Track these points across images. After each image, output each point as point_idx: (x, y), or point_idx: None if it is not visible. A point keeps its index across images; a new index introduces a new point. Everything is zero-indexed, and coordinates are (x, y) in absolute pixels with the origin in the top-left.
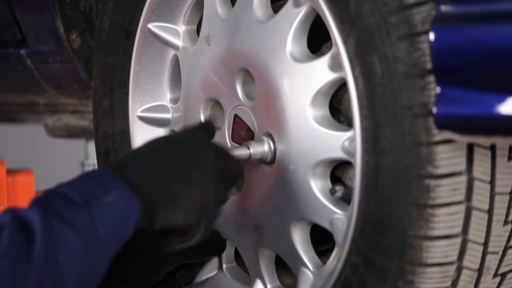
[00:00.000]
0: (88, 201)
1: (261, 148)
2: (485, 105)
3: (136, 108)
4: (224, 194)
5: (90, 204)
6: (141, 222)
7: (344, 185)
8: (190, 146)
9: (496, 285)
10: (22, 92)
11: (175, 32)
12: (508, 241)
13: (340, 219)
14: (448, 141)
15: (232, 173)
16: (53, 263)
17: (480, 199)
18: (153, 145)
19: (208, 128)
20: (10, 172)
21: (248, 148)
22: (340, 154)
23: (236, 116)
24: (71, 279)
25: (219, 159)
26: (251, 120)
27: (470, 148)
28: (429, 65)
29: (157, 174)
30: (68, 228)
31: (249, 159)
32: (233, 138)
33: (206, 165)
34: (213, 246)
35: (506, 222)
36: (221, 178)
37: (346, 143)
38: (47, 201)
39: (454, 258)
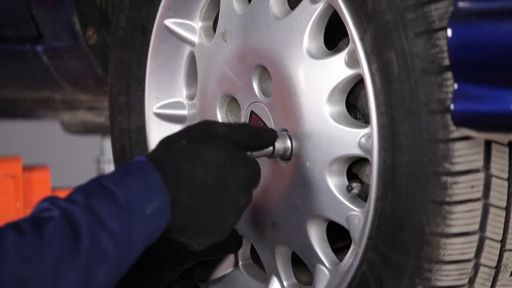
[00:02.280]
0: (132, 209)
1: (284, 144)
2: (503, 102)
3: (152, 105)
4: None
5: (133, 214)
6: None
7: (361, 182)
8: (241, 180)
9: None
10: (38, 88)
11: (191, 29)
12: None
13: (356, 216)
14: (465, 138)
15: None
16: (90, 275)
17: (498, 196)
18: (210, 163)
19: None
20: (26, 168)
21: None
22: (356, 151)
23: (252, 112)
24: (99, 286)
25: (255, 184)
26: (267, 116)
27: (488, 145)
28: (446, 62)
29: (202, 208)
30: (111, 240)
31: (272, 155)
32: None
33: (247, 202)
34: (229, 243)
35: None
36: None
37: (363, 140)
38: (94, 199)
39: (471, 255)
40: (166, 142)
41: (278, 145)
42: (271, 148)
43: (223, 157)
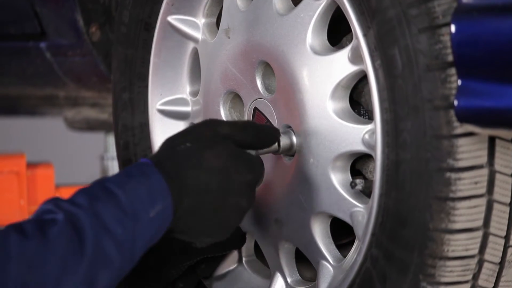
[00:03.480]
0: (136, 214)
1: (289, 140)
2: (507, 98)
3: (156, 101)
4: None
5: (137, 219)
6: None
7: (365, 178)
8: (243, 183)
9: None
10: (41, 85)
11: (194, 25)
12: None
13: (360, 212)
14: (469, 134)
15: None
16: (93, 281)
17: (502, 192)
18: (215, 169)
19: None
20: (30, 165)
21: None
22: (360, 147)
23: (256, 109)
24: None
25: (256, 185)
26: (271, 113)
27: (492, 141)
28: (450, 58)
29: (205, 211)
30: (114, 246)
31: (278, 151)
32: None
33: (247, 203)
34: (233, 239)
35: None
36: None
37: (367, 136)
38: (98, 204)
39: (475, 251)
40: (170, 144)
41: (283, 141)
42: (276, 145)
43: (227, 161)
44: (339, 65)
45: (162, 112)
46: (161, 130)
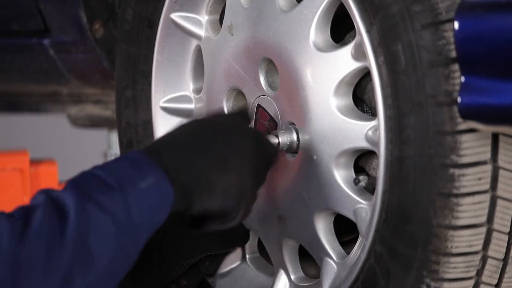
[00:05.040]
0: (123, 186)
1: (289, 137)
2: (510, 95)
3: (159, 99)
4: (262, 177)
5: (125, 190)
6: (175, 208)
7: (368, 174)
8: (227, 129)
9: None
10: (45, 82)
11: (197, 22)
12: None
13: (364, 209)
14: (472, 130)
15: (268, 155)
16: (84, 246)
17: (505, 188)
18: (189, 129)
19: (243, 115)
20: (33, 162)
21: (277, 137)
22: (363, 144)
23: (259, 106)
24: (101, 263)
25: (257, 142)
26: (274, 110)
27: (495, 137)
28: (453, 54)
29: (193, 160)
30: (102, 211)
31: (278, 148)
32: (256, 129)
33: (244, 149)
34: (237, 236)
35: None
36: (259, 161)
37: (370, 133)
38: (82, 183)
39: (479, 247)
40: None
41: (283, 137)
42: (276, 140)
43: (216, 121)
44: (342, 62)
45: (165, 109)
46: (165, 127)
